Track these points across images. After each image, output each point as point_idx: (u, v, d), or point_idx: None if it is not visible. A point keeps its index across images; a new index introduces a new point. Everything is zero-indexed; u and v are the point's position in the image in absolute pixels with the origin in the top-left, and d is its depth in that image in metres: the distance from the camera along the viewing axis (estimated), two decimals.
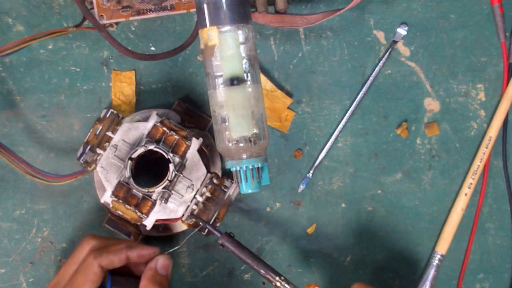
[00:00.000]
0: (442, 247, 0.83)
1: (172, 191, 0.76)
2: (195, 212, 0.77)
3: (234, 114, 0.70)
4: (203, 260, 0.83)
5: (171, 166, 0.76)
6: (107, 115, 0.79)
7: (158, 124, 0.77)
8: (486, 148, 0.83)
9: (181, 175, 0.76)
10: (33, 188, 0.83)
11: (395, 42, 0.83)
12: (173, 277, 0.83)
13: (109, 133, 0.77)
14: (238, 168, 0.71)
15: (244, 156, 0.71)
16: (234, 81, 0.70)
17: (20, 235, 0.83)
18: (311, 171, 0.83)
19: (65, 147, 0.83)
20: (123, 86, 0.83)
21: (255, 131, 0.71)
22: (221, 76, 0.70)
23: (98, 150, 0.77)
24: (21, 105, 0.83)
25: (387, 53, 0.83)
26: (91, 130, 0.79)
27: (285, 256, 0.84)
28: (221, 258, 0.83)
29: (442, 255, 0.83)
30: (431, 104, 0.84)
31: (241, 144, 0.71)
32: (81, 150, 0.79)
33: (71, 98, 0.83)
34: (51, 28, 0.83)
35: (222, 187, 0.78)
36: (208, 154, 0.81)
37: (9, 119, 0.83)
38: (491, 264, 0.84)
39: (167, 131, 0.77)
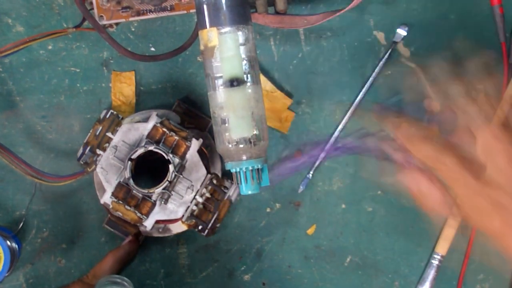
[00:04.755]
0: (442, 248, 0.83)
1: (172, 192, 0.76)
2: (195, 213, 0.77)
3: (234, 115, 0.70)
4: (203, 261, 0.83)
5: (171, 167, 0.76)
6: (107, 116, 0.79)
7: (158, 124, 0.77)
8: None
9: (181, 176, 0.76)
10: (33, 189, 0.82)
11: (395, 42, 0.83)
12: (173, 278, 0.83)
13: (109, 134, 0.77)
14: (238, 169, 0.71)
15: (244, 157, 0.71)
16: (234, 82, 0.70)
17: (20, 235, 0.83)
18: (311, 172, 0.83)
19: (65, 147, 0.83)
20: (123, 86, 0.83)
21: (255, 132, 0.71)
22: (221, 77, 0.70)
23: (98, 151, 0.77)
24: (21, 106, 0.83)
25: (387, 54, 0.83)
26: (91, 131, 0.79)
27: (285, 257, 0.84)
28: (221, 259, 0.83)
29: (442, 256, 0.83)
30: (431, 105, 0.84)
31: (241, 145, 0.71)
32: (81, 151, 0.79)
33: (71, 99, 0.83)
34: (51, 28, 0.83)
35: (222, 188, 0.78)
36: (208, 154, 0.81)
37: (9, 120, 0.83)
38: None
39: (167, 131, 0.77)
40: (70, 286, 0.76)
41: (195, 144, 0.77)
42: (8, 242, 0.79)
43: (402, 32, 0.83)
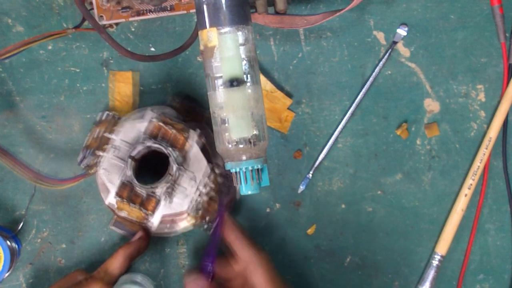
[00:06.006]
0: (442, 248, 0.83)
1: (176, 185, 0.76)
2: (200, 204, 0.77)
3: (233, 115, 0.70)
4: None
5: (171, 160, 0.76)
6: (103, 118, 0.78)
7: (154, 120, 0.77)
8: (486, 149, 0.82)
9: (182, 168, 0.76)
10: (32, 189, 0.82)
11: (395, 42, 0.83)
12: (173, 277, 0.83)
13: (107, 135, 0.77)
14: (237, 170, 0.71)
15: (244, 158, 0.71)
16: (234, 82, 0.70)
17: (20, 235, 0.83)
18: (311, 172, 0.83)
19: (65, 147, 0.83)
20: (121, 86, 0.83)
21: (254, 132, 0.71)
22: (220, 77, 0.70)
23: (99, 153, 0.77)
24: (20, 106, 0.83)
25: (387, 54, 0.83)
26: (89, 134, 0.78)
27: (285, 257, 0.84)
28: None
29: (442, 256, 0.83)
30: (431, 105, 0.84)
31: (241, 146, 0.71)
32: (81, 155, 0.78)
33: (70, 99, 0.83)
34: (51, 29, 0.83)
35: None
36: (207, 145, 0.80)
37: (8, 120, 0.83)
38: (491, 265, 0.84)
39: (164, 126, 0.77)
40: (83, 283, 0.76)
41: (193, 135, 0.77)
42: (8, 242, 0.79)
43: (402, 32, 0.83)
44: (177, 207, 0.77)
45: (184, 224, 0.81)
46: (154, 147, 0.76)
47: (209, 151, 0.80)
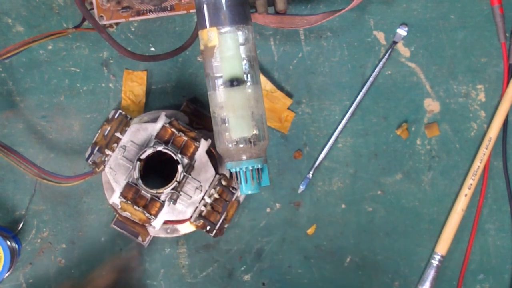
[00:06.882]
0: (442, 248, 0.83)
1: (181, 192, 0.76)
2: (203, 214, 0.77)
3: (233, 115, 0.70)
4: (203, 261, 0.83)
5: (180, 167, 0.75)
6: (115, 116, 0.78)
7: (167, 125, 0.77)
8: (486, 149, 0.83)
9: (189, 176, 0.76)
10: (32, 189, 0.82)
11: (395, 42, 0.83)
12: (173, 277, 0.83)
13: (118, 134, 0.77)
14: (238, 169, 0.71)
15: (244, 157, 0.71)
16: (234, 82, 0.70)
17: (20, 235, 0.83)
18: (311, 172, 0.83)
19: (65, 147, 0.83)
20: (134, 85, 0.83)
21: (255, 132, 0.71)
22: (220, 77, 0.70)
23: (107, 151, 0.77)
24: (21, 106, 0.83)
25: (387, 54, 0.83)
26: (99, 131, 0.78)
27: (285, 257, 0.84)
28: (221, 259, 0.83)
29: (442, 256, 0.83)
30: (431, 105, 0.84)
31: (241, 145, 0.71)
32: (89, 151, 0.78)
33: (71, 99, 0.83)
34: (51, 28, 0.83)
35: (230, 189, 0.78)
36: (216, 155, 0.80)
37: (9, 120, 0.83)
38: (491, 265, 0.84)
39: (176, 132, 0.77)
40: None
41: (203, 144, 0.77)
42: (8, 242, 0.79)
43: (402, 32, 0.83)
44: (180, 214, 0.77)
45: (185, 229, 0.81)
46: (164, 152, 0.76)
47: (217, 161, 0.80)
